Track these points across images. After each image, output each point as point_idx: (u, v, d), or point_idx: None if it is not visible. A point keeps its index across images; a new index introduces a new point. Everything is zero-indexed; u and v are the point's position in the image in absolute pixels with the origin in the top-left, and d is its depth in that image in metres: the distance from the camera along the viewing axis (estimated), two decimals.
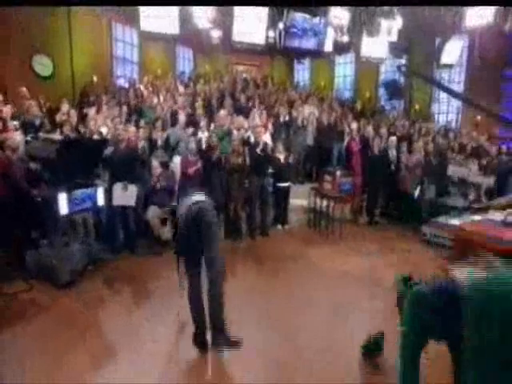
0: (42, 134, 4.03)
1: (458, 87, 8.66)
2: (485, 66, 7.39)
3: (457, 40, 7.47)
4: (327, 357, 2.46)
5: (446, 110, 8.94)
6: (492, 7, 6.10)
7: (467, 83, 8.33)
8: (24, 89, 5.52)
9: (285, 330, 2.80)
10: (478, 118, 7.20)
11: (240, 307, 3.01)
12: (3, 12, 5.98)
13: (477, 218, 3.05)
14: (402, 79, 2.86)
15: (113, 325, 2.84)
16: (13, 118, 4.54)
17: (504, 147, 6.30)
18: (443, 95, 8.59)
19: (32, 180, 3.52)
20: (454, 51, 7.69)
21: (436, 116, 8.95)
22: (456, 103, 8.47)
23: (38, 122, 4.53)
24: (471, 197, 4.68)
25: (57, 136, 3.94)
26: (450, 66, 8.06)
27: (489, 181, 4.55)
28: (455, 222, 2.87)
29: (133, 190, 4.21)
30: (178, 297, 2.80)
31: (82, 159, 3.40)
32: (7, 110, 4.49)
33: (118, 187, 4.12)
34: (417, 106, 8.89)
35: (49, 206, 3.30)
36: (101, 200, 3.77)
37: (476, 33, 7.17)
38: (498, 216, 2.90)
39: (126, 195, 4.17)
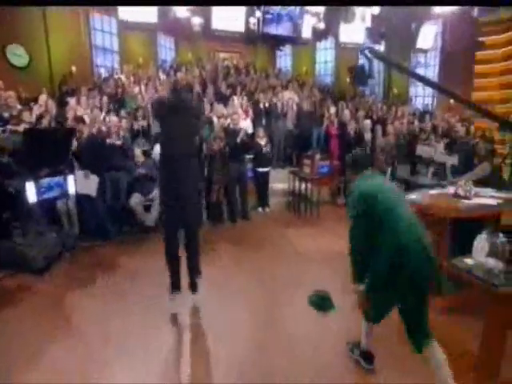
0: (9, 127, 4.08)
1: (434, 70, 8.94)
2: (457, 50, 7.66)
3: (430, 25, 7.68)
4: (306, 334, 2.60)
5: (423, 93, 9.24)
6: None
7: (442, 66, 8.61)
8: None
9: (261, 308, 2.93)
10: (451, 101, 7.49)
11: (219, 287, 3.21)
12: None
13: (434, 192, 3.34)
14: (367, 64, 2.98)
15: (98, 304, 3.02)
16: None
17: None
18: None
19: (4, 172, 3.57)
20: (428, 36, 7.93)
21: (413, 99, 9.24)
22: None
23: (7, 115, 4.53)
24: (436, 174, 5.01)
25: (22, 127, 3.99)
26: (425, 51, 8.32)
27: (452, 159, 4.85)
28: (415, 196, 3.15)
29: (94, 179, 4.20)
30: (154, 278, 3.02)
31: (48, 148, 3.45)
32: None
33: (80, 175, 4.12)
34: (395, 90, 9.15)
35: (20, 196, 3.41)
36: (72, 188, 3.84)
37: (447, 18, 7.38)
38: (451, 190, 3.19)
39: (88, 184, 4.16)
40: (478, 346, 2.02)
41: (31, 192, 3.38)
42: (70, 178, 3.85)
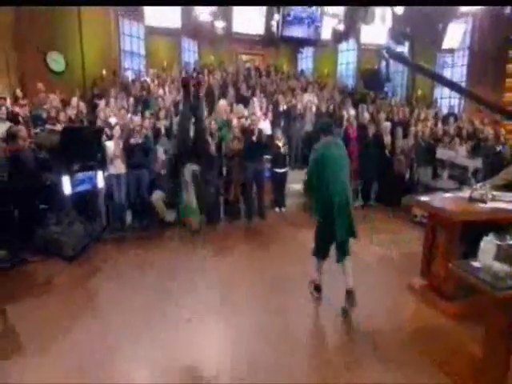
0: (48, 126, 4.46)
1: (461, 71, 8.61)
2: (486, 49, 7.35)
3: (459, 23, 7.43)
4: (305, 335, 2.66)
5: (449, 95, 8.92)
6: None
7: (470, 67, 8.28)
8: (40, 84, 6.03)
9: (263, 311, 2.97)
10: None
11: (228, 282, 3.35)
12: (18, 12, 6.42)
13: (448, 195, 3.29)
14: (384, 67, 2.94)
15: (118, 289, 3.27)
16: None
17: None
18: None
19: (42, 167, 3.92)
20: (456, 35, 7.66)
21: (439, 101, 8.93)
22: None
23: (45, 115, 4.96)
24: (453, 177, 4.87)
25: (59, 127, 4.36)
26: (452, 50, 8.04)
27: (475, 163, 4.69)
28: (427, 199, 3.14)
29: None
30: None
31: (81, 145, 3.77)
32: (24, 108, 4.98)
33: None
34: (419, 91, 8.91)
35: (55, 188, 3.73)
36: (101, 183, 4.14)
37: (476, 16, 7.10)
38: (466, 193, 3.14)
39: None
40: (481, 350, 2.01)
41: (66, 185, 3.70)
42: (100, 174, 4.14)
